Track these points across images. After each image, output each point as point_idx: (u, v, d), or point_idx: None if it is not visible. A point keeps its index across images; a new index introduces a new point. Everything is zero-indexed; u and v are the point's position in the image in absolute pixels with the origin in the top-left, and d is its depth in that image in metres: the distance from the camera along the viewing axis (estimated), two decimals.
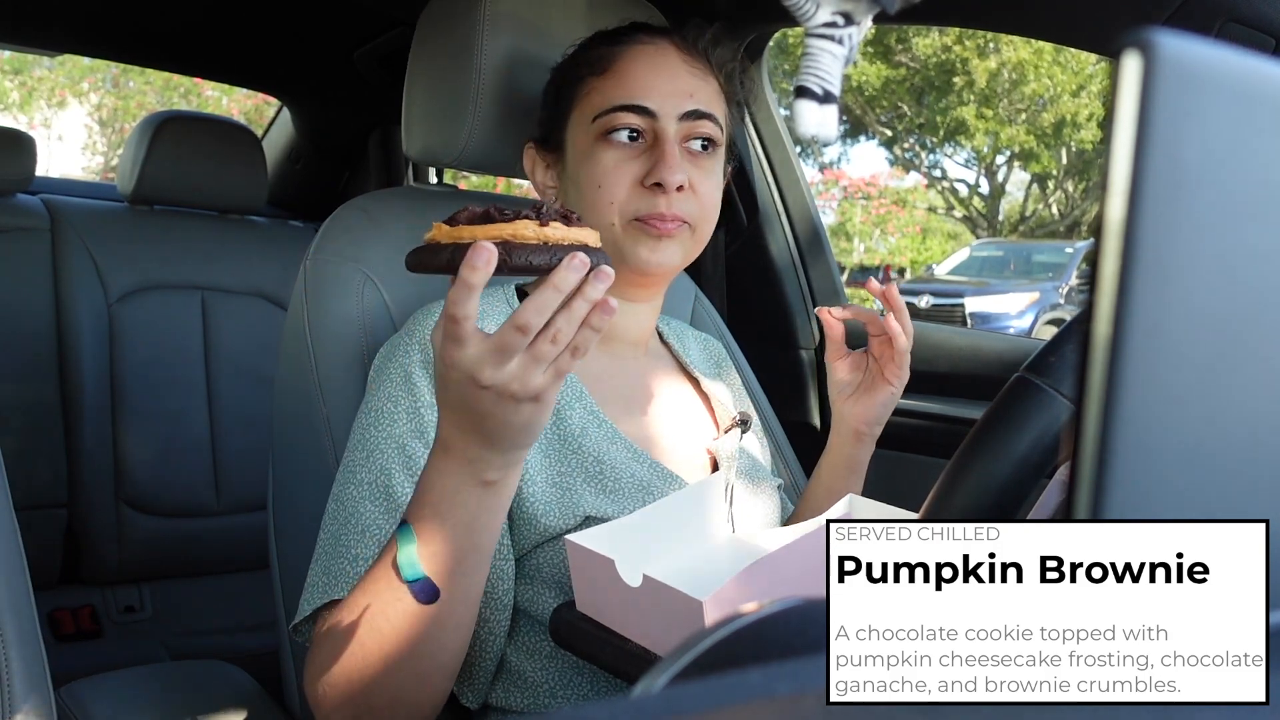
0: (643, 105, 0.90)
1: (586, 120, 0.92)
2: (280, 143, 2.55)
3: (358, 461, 0.82)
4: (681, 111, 0.91)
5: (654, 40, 0.94)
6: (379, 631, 0.71)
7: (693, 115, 0.91)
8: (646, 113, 0.90)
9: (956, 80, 15.31)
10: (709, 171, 0.93)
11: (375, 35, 2.02)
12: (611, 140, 0.91)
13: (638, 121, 0.90)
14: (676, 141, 0.91)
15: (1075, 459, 0.29)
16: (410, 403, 0.84)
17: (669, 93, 0.91)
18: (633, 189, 0.90)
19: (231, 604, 2.07)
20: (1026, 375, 0.64)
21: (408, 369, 0.85)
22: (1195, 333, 0.30)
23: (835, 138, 0.44)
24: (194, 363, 2.11)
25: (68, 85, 14.84)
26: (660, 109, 0.90)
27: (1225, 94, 0.30)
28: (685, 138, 0.92)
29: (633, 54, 0.93)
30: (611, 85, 0.92)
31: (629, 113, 0.90)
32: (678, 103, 0.91)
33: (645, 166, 0.90)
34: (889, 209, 19.15)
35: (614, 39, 0.95)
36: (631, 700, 0.27)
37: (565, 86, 0.96)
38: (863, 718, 0.31)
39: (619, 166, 0.90)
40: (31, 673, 0.72)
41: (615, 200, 0.90)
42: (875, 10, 0.45)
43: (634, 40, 0.94)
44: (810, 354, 1.72)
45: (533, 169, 0.99)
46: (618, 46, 0.94)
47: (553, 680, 0.85)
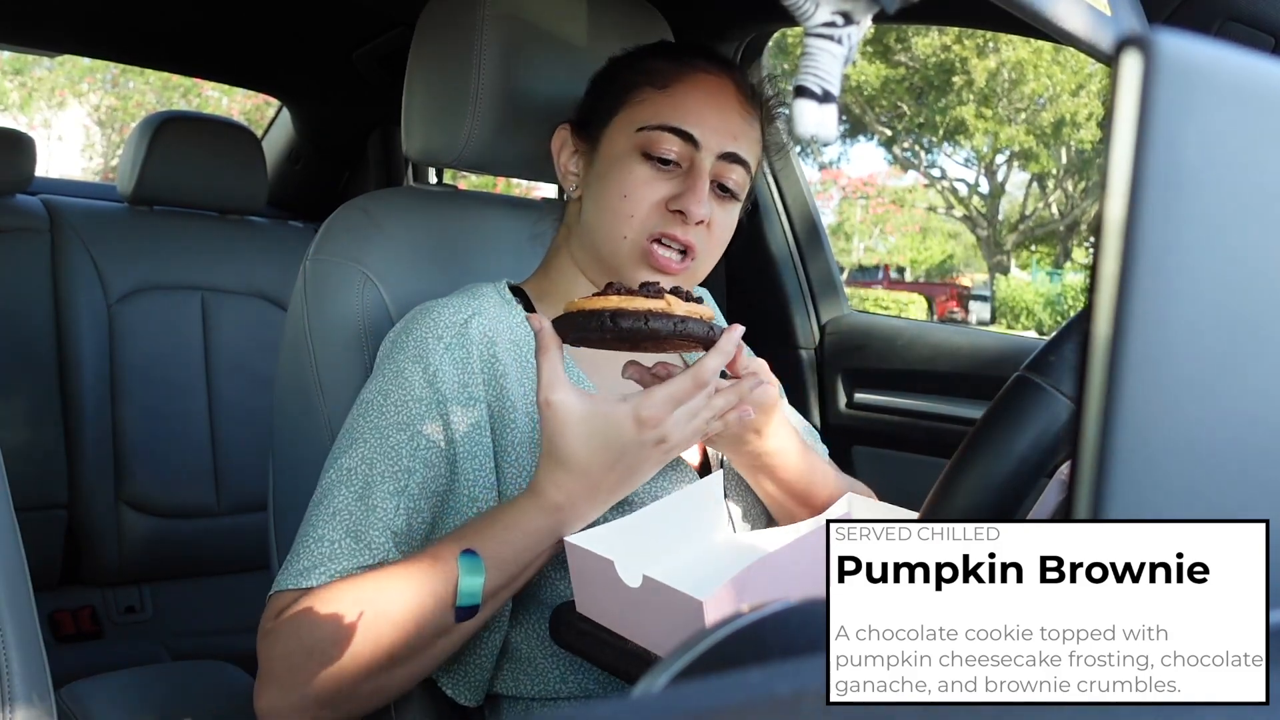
0: (689, 132, 0.90)
1: (631, 127, 0.92)
2: (280, 143, 2.55)
3: (341, 448, 0.85)
4: (723, 150, 0.91)
5: (717, 71, 0.94)
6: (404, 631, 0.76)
7: (730, 158, 0.92)
8: (690, 140, 0.90)
9: (956, 80, 15.31)
10: (728, 213, 0.94)
11: (375, 35, 2.01)
12: (648, 157, 0.91)
13: (679, 146, 0.90)
14: (709, 176, 0.91)
15: (1075, 459, 0.29)
16: (400, 396, 0.85)
17: (716, 128, 0.91)
18: (655, 208, 0.90)
19: (232, 604, 2.07)
20: (1026, 374, 0.64)
21: (403, 365, 0.86)
22: (1195, 333, 0.30)
23: (835, 137, 0.44)
24: (194, 363, 2.11)
25: (68, 85, 14.84)
26: (704, 141, 0.91)
27: (1225, 94, 0.30)
28: (716, 176, 0.92)
29: (694, 79, 0.93)
30: (666, 103, 0.92)
31: (674, 135, 0.90)
32: (721, 141, 0.91)
33: (673, 190, 0.90)
34: (888, 208, 19.16)
35: (679, 57, 0.95)
36: (631, 700, 0.27)
37: (618, 85, 0.96)
38: (863, 718, 0.31)
39: (649, 184, 0.90)
40: (31, 673, 0.72)
41: (636, 215, 0.90)
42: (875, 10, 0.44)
43: (697, 66, 0.94)
44: (810, 354, 1.72)
45: (560, 150, 0.99)
46: (681, 67, 0.94)
47: (562, 666, 0.86)
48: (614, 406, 0.73)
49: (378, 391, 0.86)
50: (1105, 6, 0.55)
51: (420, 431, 0.84)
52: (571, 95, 1.06)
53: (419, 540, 0.83)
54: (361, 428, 0.85)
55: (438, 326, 0.88)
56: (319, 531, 0.82)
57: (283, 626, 0.78)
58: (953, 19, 1.51)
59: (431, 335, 0.88)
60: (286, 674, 0.77)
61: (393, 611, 0.76)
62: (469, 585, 0.75)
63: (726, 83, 0.94)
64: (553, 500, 0.76)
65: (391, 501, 0.82)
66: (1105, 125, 0.29)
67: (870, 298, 15.84)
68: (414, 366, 0.86)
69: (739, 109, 0.93)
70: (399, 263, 1.05)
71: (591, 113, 0.97)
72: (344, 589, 0.78)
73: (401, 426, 0.84)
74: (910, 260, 20.31)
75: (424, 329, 0.88)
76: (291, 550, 0.83)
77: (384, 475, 0.82)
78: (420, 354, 0.86)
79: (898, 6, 0.44)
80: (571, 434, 0.74)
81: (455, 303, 0.91)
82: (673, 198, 0.90)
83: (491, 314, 0.92)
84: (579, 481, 0.75)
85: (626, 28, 1.12)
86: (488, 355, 0.89)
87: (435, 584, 0.76)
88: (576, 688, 0.87)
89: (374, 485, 0.82)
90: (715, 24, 1.54)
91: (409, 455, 0.83)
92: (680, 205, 0.89)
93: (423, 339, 0.87)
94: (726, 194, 0.93)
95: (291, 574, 0.81)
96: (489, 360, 0.89)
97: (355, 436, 0.85)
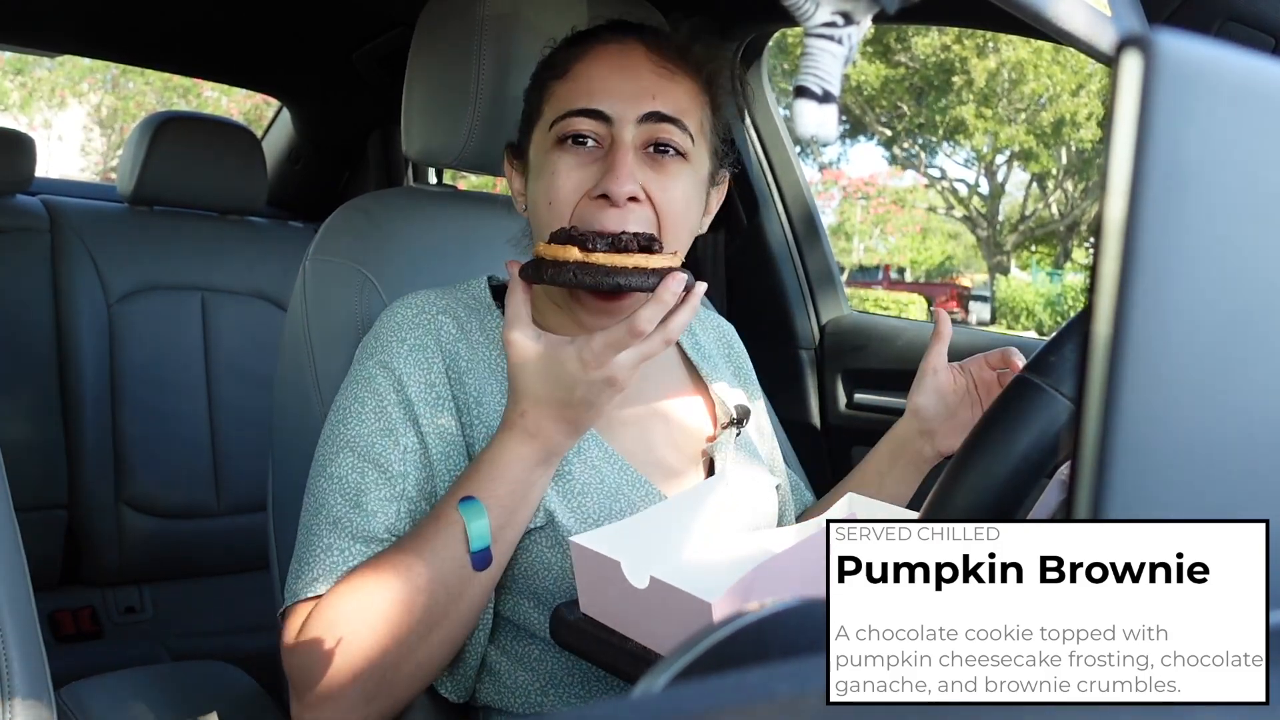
0: (596, 109, 0.85)
1: (545, 127, 0.88)
2: (280, 143, 2.55)
3: (327, 455, 0.85)
4: (640, 114, 0.85)
5: (619, 40, 0.88)
6: (430, 595, 0.77)
7: (654, 118, 0.85)
8: (601, 117, 0.85)
9: (956, 80, 15.31)
10: (673, 177, 0.86)
11: (375, 35, 2.02)
12: (565, 147, 0.85)
13: (593, 127, 0.85)
14: (634, 148, 0.85)
15: (1075, 459, 0.29)
16: (376, 402, 0.85)
17: (628, 95, 0.85)
18: (584, 204, 0.84)
19: (231, 604, 2.07)
20: (1026, 375, 0.64)
21: (371, 371, 0.86)
22: (1195, 333, 0.30)
23: (835, 138, 0.44)
24: (194, 363, 2.11)
25: (68, 85, 14.84)
26: (616, 113, 0.84)
27: (1225, 94, 0.30)
28: (645, 143, 0.86)
29: (594, 55, 0.88)
30: (569, 89, 0.87)
31: (583, 117, 0.85)
32: (637, 105, 0.85)
33: (597, 176, 0.84)
34: (888, 209, 19.16)
35: (578, 40, 0.91)
36: (631, 700, 0.27)
37: (532, 92, 0.92)
38: (863, 718, 0.31)
39: (569, 175, 0.85)
40: (31, 673, 0.72)
41: (564, 212, 0.84)
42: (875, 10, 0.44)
43: (597, 41, 0.89)
44: (810, 353, 1.72)
45: (510, 177, 0.96)
46: (580, 48, 0.89)
47: (542, 680, 0.86)
48: (562, 348, 0.76)
49: (353, 399, 0.86)
50: (1105, 6, 0.55)
51: (402, 436, 0.84)
52: None
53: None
54: (343, 435, 0.85)
55: (401, 327, 0.88)
56: (325, 540, 0.82)
57: (309, 635, 0.78)
58: (953, 19, 1.51)
59: (395, 338, 0.87)
60: (324, 681, 0.77)
61: (416, 580, 0.77)
62: (476, 529, 0.78)
63: (633, 46, 0.88)
64: (522, 428, 0.79)
65: (391, 506, 0.82)
66: (1105, 125, 0.28)
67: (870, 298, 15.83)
68: (381, 373, 0.86)
69: (653, 68, 0.87)
70: (399, 263, 1.05)
71: (521, 129, 0.94)
72: (362, 577, 0.78)
73: (384, 433, 0.84)
74: (910, 261, 20.31)
75: (388, 330, 0.88)
76: (296, 560, 0.83)
77: (376, 483, 0.83)
78: (385, 360, 0.86)
79: (898, 6, 0.44)
80: (529, 369, 0.77)
81: (421, 300, 0.90)
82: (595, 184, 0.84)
83: (460, 311, 0.91)
84: (541, 411, 0.78)
85: None
86: (451, 352, 0.88)
87: (446, 539, 0.78)
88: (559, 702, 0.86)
89: (367, 493, 0.82)
90: (715, 24, 1.54)
91: (399, 461, 0.84)
92: (601, 189, 0.83)
93: (386, 342, 0.87)
94: (667, 152, 0.86)
95: (304, 584, 0.81)
96: (453, 356, 0.88)
97: (340, 444, 0.85)
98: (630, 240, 0.77)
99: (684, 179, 0.87)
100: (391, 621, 0.76)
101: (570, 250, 0.77)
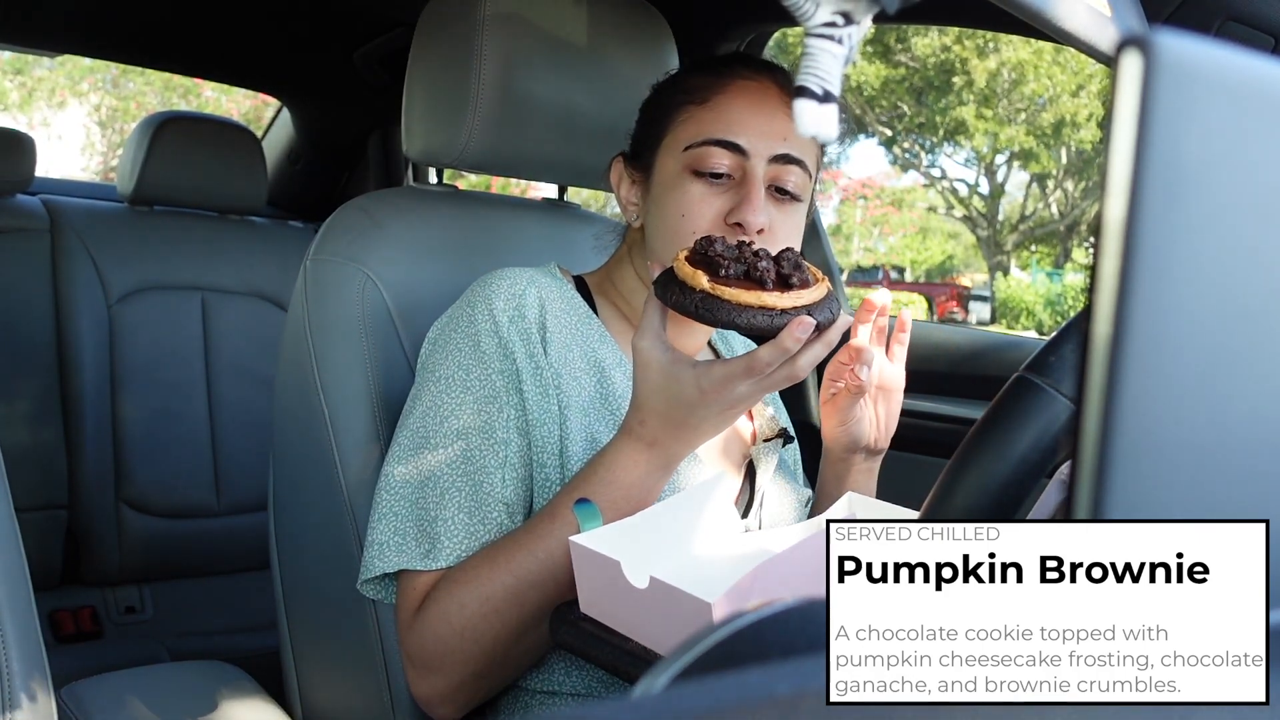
0: (736, 143, 0.89)
1: (678, 148, 0.92)
2: (280, 143, 2.55)
3: (430, 426, 0.87)
4: (773, 154, 0.90)
5: (756, 77, 0.93)
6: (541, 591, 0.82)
7: (783, 159, 0.90)
8: (738, 150, 0.89)
9: (956, 80, 15.31)
10: (789, 216, 0.92)
11: (375, 35, 2.01)
12: (699, 175, 0.90)
13: (728, 158, 0.90)
14: (763, 183, 0.90)
15: (1075, 459, 0.29)
16: (481, 370, 0.88)
17: (763, 133, 0.90)
18: (715, 223, 0.89)
19: (232, 604, 2.07)
20: (1026, 375, 0.64)
21: (476, 338, 0.89)
22: (1195, 333, 0.30)
23: (835, 138, 0.44)
24: (194, 363, 2.11)
25: (68, 85, 14.83)
26: (752, 148, 0.89)
27: (1225, 94, 0.30)
28: (770, 181, 0.91)
29: (734, 89, 0.92)
30: (709, 117, 0.91)
31: (721, 148, 0.89)
32: (770, 145, 0.90)
33: (730, 203, 0.89)
34: (887, 209, 19.16)
35: (716, 70, 0.94)
36: (631, 700, 0.27)
37: (662, 109, 0.95)
38: (863, 718, 0.31)
39: (704, 200, 0.90)
40: (31, 673, 0.72)
41: (697, 231, 0.89)
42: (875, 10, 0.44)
43: (736, 74, 0.93)
44: None
45: (619, 183, 0.99)
46: (720, 78, 0.93)
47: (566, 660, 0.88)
48: (683, 370, 0.78)
49: (458, 366, 0.88)
50: (1105, 6, 0.55)
51: (508, 403, 0.87)
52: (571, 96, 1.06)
53: (527, 507, 0.88)
54: (450, 404, 0.87)
55: (500, 298, 0.90)
56: (433, 513, 0.85)
57: (428, 615, 0.84)
58: (953, 19, 1.51)
59: (498, 307, 0.89)
60: (442, 658, 0.84)
61: (530, 575, 0.81)
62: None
63: (768, 85, 0.92)
64: (639, 435, 0.81)
65: (498, 474, 0.86)
66: (1105, 125, 0.29)
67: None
68: (489, 339, 0.88)
69: (785, 109, 0.91)
70: (399, 263, 1.05)
71: (641, 141, 0.97)
72: (478, 565, 0.83)
73: (490, 399, 0.87)
74: (910, 261, 20.31)
75: (488, 301, 0.90)
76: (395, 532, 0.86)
77: (484, 449, 0.86)
78: (492, 327, 0.88)
79: (898, 6, 0.44)
80: (651, 383, 0.79)
81: (511, 275, 0.92)
82: (730, 210, 0.89)
83: (545, 283, 0.93)
84: (658, 422, 0.80)
85: (627, 28, 1.12)
86: (540, 323, 0.90)
87: (561, 539, 0.81)
88: (580, 684, 0.88)
89: (476, 460, 0.86)
90: (715, 24, 1.54)
91: (503, 427, 0.87)
92: (737, 217, 0.88)
93: (490, 311, 0.89)
94: (785, 196, 0.91)
95: (414, 556, 0.85)
96: (542, 328, 0.90)
97: (445, 413, 0.87)
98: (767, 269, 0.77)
99: (797, 220, 0.94)
100: (503, 613, 0.82)
101: (699, 277, 0.76)
